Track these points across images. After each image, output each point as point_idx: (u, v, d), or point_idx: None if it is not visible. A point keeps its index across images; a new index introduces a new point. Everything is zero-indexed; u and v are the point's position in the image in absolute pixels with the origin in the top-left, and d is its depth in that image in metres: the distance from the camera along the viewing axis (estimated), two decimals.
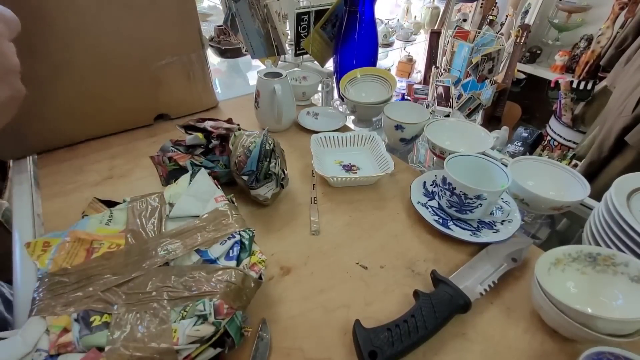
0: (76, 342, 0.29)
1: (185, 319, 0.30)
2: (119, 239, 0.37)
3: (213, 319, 0.30)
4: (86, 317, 0.30)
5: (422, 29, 2.31)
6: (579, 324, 0.33)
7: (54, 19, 0.53)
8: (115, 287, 0.32)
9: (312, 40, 0.84)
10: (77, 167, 0.59)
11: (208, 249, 0.36)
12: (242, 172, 0.48)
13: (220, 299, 0.31)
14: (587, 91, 1.50)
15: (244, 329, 0.33)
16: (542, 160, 0.56)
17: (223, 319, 0.30)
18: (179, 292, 0.32)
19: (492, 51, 1.21)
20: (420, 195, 0.54)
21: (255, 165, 0.47)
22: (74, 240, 0.36)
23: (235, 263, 0.35)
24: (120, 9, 0.57)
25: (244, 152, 0.48)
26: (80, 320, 0.30)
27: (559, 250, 0.40)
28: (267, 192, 0.50)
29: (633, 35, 1.34)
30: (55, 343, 0.28)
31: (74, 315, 0.30)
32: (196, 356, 0.30)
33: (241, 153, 0.48)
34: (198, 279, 0.33)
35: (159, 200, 0.41)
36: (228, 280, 0.32)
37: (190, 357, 0.29)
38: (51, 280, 0.33)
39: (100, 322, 0.30)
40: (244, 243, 0.37)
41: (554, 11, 1.97)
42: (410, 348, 0.34)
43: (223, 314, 0.30)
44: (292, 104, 0.70)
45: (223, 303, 0.31)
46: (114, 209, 0.40)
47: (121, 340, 0.28)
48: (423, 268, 0.44)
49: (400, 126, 0.64)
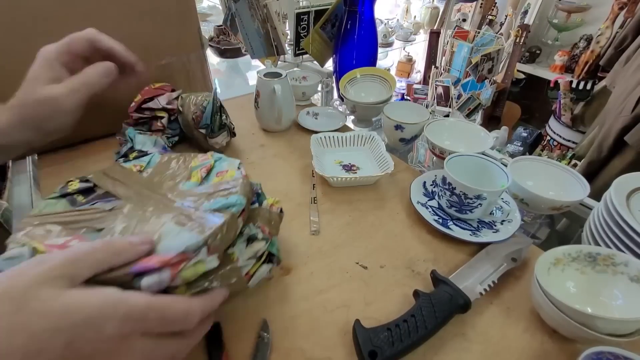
0: None
1: (235, 245, 0.33)
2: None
3: (262, 236, 0.35)
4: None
5: (422, 29, 2.31)
6: (579, 324, 0.33)
7: (54, 19, 0.53)
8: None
9: (311, 40, 0.84)
10: (78, 167, 0.59)
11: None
12: (200, 125, 0.54)
13: (261, 223, 0.36)
14: (586, 91, 1.51)
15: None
16: (541, 160, 0.56)
17: (268, 237, 0.36)
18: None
19: (491, 51, 1.21)
20: (420, 195, 0.54)
21: (209, 118, 0.55)
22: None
23: (257, 204, 0.40)
24: (120, 9, 0.57)
25: (199, 109, 0.54)
26: None
27: (558, 250, 0.40)
28: (222, 141, 0.61)
29: (632, 35, 1.34)
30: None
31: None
32: (253, 273, 0.35)
33: (196, 109, 0.54)
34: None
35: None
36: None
37: (249, 274, 0.34)
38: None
39: None
40: (259, 192, 0.41)
41: (554, 11, 1.97)
42: (410, 348, 0.34)
43: (266, 233, 0.36)
44: (292, 104, 0.70)
45: (264, 226, 0.36)
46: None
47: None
48: (423, 268, 0.45)
49: (399, 126, 0.64)
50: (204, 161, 0.41)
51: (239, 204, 0.33)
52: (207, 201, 0.34)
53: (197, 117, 0.56)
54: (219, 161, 0.41)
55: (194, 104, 0.57)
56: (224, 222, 0.31)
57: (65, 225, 0.32)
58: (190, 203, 0.34)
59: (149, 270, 0.27)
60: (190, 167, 0.40)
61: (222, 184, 0.36)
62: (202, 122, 0.57)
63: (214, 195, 0.35)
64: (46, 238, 0.31)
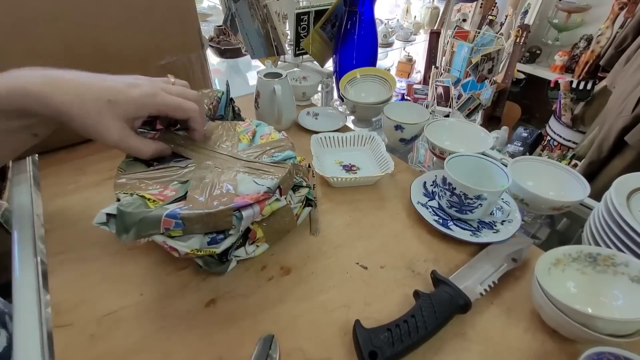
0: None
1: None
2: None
3: (305, 184, 0.45)
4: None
5: (422, 29, 2.31)
6: (579, 324, 0.33)
7: (54, 19, 0.53)
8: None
9: (311, 40, 0.84)
10: (78, 167, 0.59)
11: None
12: (215, 116, 0.57)
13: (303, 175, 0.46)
14: (586, 91, 1.51)
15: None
16: (541, 160, 0.56)
17: (309, 185, 0.47)
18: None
19: (491, 51, 1.21)
20: (420, 196, 0.54)
21: (223, 110, 0.58)
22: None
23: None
24: (119, 9, 0.57)
25: (215, 99, 0.57)
26: None
27: (559, 250, 0.40)
28: None
29: (632, 35, 1.35)
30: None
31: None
32: (299, 215, 0.46)
33: (211, 101, 0.57)
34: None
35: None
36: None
37: (297, 215, 0.45)
38: None
39: None
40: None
41: (554, 11, 1.97)
42: (410, 348, 0.34)
43: (308, 181, 0.46)
44: (292, 104, 0.70)
45: (304, 176, 0.46)
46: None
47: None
48: (423, 268, 0.44)
49: (399, 126, 0.64)
50: (247, 127, 0.49)
51: (293, 157, 0.44)
52: (265, 156, 0.43)
53: (214, 107, 0.57)
54: (260, 126, 0.50)
55: (207, 96, 0.58)
56: (289, 170, 0.40)
57: (154, 180, 0.38)
58: (252, 158, 0.42)
59: (246, 206, 0.36)
60: (237, 132, 0.48)
61: (273, 143, 0.46)
62: (217, 113, 0.58)
63: (270, 152, 0.44)
64: (144, 190, 0.37)
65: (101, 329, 0.36)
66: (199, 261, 0.40)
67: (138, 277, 0.42)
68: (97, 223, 0.34)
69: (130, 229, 0.34)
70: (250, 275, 0.43)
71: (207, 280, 0.42)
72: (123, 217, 0.34)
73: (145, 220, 0.34)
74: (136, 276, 0.42)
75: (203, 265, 0.40)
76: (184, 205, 0.35)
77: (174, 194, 0.37)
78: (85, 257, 0.43)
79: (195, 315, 0.38)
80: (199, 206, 0.35)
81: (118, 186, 0.37)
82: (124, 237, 0.34)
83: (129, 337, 0.36)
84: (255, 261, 0.44)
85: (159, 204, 0.35)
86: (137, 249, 0.45)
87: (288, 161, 0.42)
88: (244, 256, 0.42)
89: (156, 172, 0.40)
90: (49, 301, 0.39)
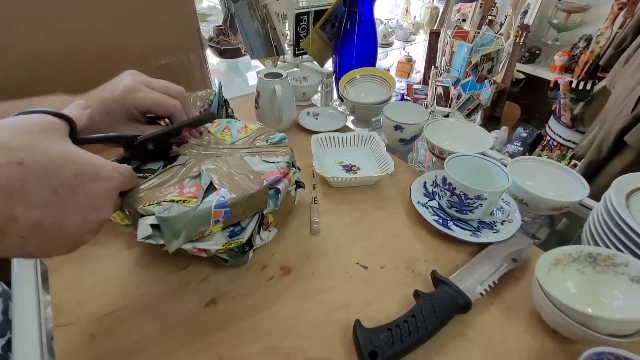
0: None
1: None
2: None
3: (294, 170, 0.46)
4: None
5: (422, 29, 2.31)
6: (579, 324, 0.33)
7: (54, 19, 0.53)
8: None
9: (311, 40, 0.84)
10: None
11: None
12: None
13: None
14: (586, 91, 1.50)
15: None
16: (541, 160, 0.56)
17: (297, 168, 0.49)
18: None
19: (491, 51, 1.21)
20: (420, 196, 0.54)
21: (216, 111, 0.59)
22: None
23: None
24: (119, 9, 0.57)
25: (206, 102, 0.58)
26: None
27: (559, 250, 0.40)
28: None
29: (632, 35, 1.35)
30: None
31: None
32: (295, 197, 0.48)
33: (203, 103, 0.58)
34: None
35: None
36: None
37: (294, 197, 0.48)
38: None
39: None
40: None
41: (553, 11, 1.97)
42: (410, 348, 0.34)
43: (295, 167, 0.47)
44: (292, 104, 0.70)
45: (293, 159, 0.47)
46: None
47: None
48: (423, 268, 0.45)
49: (399, 126, 0.64)
50: (219, 125, 0.49)
51: (285, 138, 0.47)
52: (260, 141, 0.46)
53: (205, 110, 0.57)
54: (231, 122, 0.50)
55: (199, 99, 0.58)
56: (289, 147, 0.45)
57: (164, 186, 0.38)
58: (246, 145, 0.45)
59: (279, 180, 0.40)
60: (213, 132, 0.48)
61: (257, 131, 0.48)
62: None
63: (261, 137, 0.47)
64: (165, 195, 0.36)
65: (101, 328, 0.36)
66: (224, 256, 0.41)
67: (138, 277, 0.42)
68: (142, 238, 0.33)
69: (180, 233, 0.34)
70: (250, 275, 0.43)
71: (207, 280, 0.42)
72: (169, 224, 0.33)
73: (195, 218, 0.34)
74: (136, 276, 0.42)
75: (230, 259, 0.41)
76: (221, 195, 0.35)
77: (194, 190, 0.36)
78: (85, 257, 0.43)
79: (195, 315, 0.38)
80: (237, 191, 0.36)
81: (137, 201, 0.35)
82: (174, 244, 0.34)
83: (129, 337, 0.36)
84: (255, 261, 0.44)
85: (192, 202, 0.35)
86: (137, 249, 0.45)
87: (284, 141, 0.47)
88: (260, 243, 0.43)
89: (160, 178, 0.38)
90: (48, 301, 0.39)
